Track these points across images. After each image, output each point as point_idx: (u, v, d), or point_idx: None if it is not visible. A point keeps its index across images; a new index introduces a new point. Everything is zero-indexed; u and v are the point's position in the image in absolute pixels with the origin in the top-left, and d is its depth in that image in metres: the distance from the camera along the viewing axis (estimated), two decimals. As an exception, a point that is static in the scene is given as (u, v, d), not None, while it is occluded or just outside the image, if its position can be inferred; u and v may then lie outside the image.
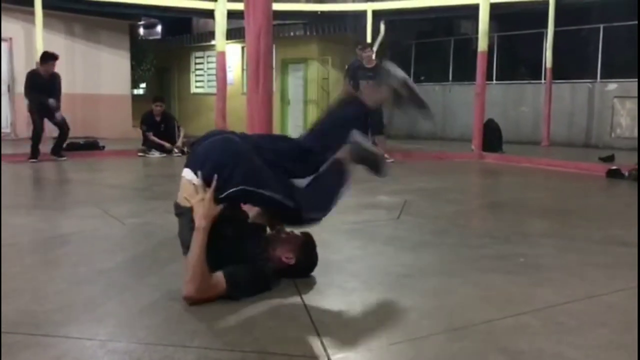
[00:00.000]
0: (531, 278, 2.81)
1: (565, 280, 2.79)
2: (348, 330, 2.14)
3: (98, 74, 9.94)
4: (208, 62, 17.41)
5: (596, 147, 12.10)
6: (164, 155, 9.52)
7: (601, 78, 12.80)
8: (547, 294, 2.57)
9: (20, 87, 12.90)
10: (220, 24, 11.23)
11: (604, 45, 12.72)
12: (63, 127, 8.65)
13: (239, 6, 5.52)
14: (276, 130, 11.25)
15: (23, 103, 12.81)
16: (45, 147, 8.70)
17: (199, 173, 2.40)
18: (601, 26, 12.64)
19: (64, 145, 8.86)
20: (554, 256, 3.31)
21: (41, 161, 8.41)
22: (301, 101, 15.65)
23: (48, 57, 8.54)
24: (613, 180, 7.12)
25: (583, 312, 2.37)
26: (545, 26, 12.17)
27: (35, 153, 8.48)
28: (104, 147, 9.82)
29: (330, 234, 2.70)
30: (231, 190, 2.36)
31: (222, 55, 11.27)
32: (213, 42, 13.21)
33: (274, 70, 5.46)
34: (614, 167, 7.46)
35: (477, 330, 2.14)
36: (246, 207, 2.64)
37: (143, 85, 18.87)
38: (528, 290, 2.61)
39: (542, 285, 2.70)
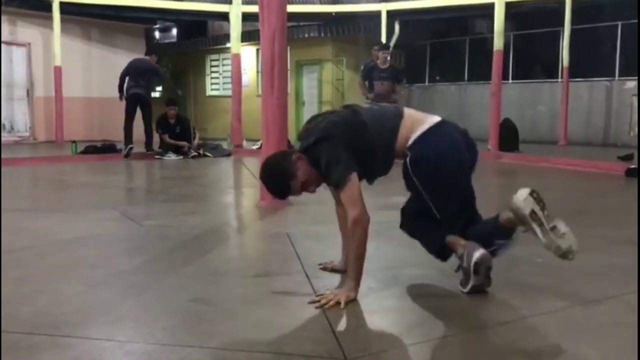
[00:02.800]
0: (548, 278, 2.79)
1: (584, 280, 2.76)
2: (365, 330, 2.14)
3: (114, 78, 10.12)
4: (223, 65, 17.49)
5: (614, 146, 11.94)
6: (180, 157, 9.60)
7: (619, 76, 12.64)
8: (564, 294, 2.54)
9: (38, 92, 13.11)
10: (235, 27, 11.29)
11: (622, 42, 12.56)
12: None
13: (254, 9, 5.56)
14: (290, 131, 11.22)
15: (42, 107, 13.09)
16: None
17: None
18: (619, 23, 12.48)
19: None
20: (572, 256, 3.26)
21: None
22: (316, 102, 15.66)
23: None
24: (632, 179, 7.02)
25: (602, 312, 2.34)
26: (562, 24, 12.04)
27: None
28: (121, 150, 9.89)
29: (346, 235, 2.74)
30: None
31: (237, 58, 11.33)
32: (228, 45, 13.27)
33: (288, 72, 5.48)
34: (632, 166, 7.35)
35: (495, 331, 2.13)
36: None
37: (159, 88, 19.01)
38: (545, 291, 2.59)
39: (560, 285, 2.67)
